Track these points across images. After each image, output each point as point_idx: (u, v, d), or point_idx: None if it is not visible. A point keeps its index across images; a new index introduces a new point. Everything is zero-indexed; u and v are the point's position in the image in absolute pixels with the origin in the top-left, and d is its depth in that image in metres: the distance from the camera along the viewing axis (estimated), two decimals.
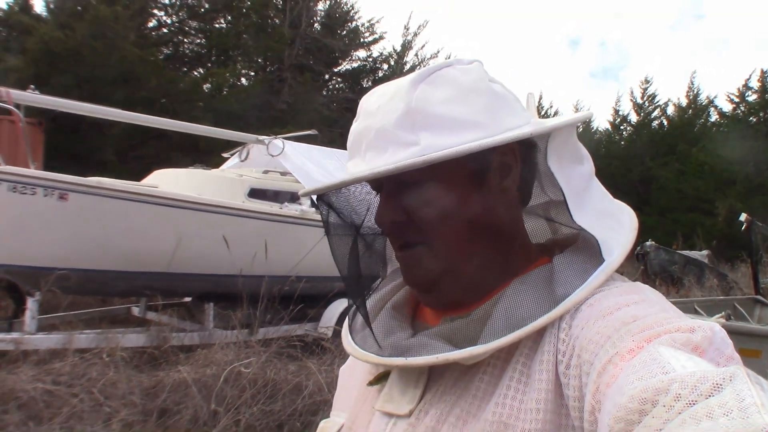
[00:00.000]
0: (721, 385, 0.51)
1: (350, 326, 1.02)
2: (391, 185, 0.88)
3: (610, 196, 0.93)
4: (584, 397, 0.67)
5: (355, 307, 1.02)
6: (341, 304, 7.67)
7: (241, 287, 6.28)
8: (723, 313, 4.32)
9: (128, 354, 5.16)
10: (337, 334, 7.26)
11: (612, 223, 0.88)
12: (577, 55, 70.26)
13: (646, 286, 0.81)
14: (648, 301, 0.75)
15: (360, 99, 0.95)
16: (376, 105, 0.87)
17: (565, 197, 0.83)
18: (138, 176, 8.59)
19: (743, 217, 7.88)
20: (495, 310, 0.83)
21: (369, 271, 1.07)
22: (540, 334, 0.79)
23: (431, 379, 0.87)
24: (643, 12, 73.13)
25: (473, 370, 0.83)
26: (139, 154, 14.94)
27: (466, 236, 0.86)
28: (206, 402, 4.22)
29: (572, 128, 0.88)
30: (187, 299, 8.36)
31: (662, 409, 0.52)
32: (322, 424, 1.06)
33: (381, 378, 0.94)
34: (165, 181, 7.68)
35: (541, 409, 0.74)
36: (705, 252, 14.41)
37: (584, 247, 0.86)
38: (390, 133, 0.83)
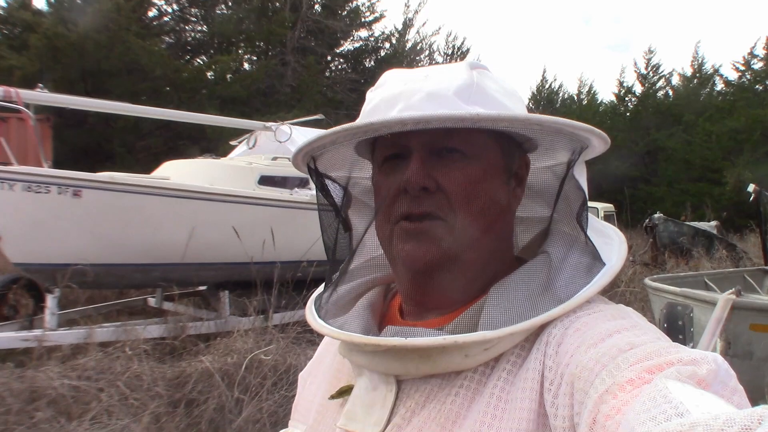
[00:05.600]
0: (750, 427, 0.45)
1: (318, 308, 0.94)
2: (426, 152, 0.83)
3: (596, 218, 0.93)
4: (577, 427, 0.64)
5: (332, 288, 0.97)
6: None
7: (255, 274, 6.35)
8: (734, 288, 4.30)
9: (149, 346, 5.24)
10: None
11: (605, 239, 0.89)
12: (588, 30, 69.68)
13: (630, 308, 0.79)
14: (640, 327, 0.72)
15: (363, 79, 0.88)
16: (424, 74, 0.85)
17: (586, 200, 0.85)
18: (146, 167, 8.63)
19: (751, 187, 7.81)
20: (497, 301, 0.79)
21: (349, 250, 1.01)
22: (521, 356, 0.76)
23: (399, 398, 0.81)
24: None
25: (446, 390, 0.78)
26: (146, 144, 15.03)
27: (488, 225, 0.84)
28: (230, 390, 4.30)
29: (605, 146, 0.87)
30: (202, 288, 8.44)
31: None
32: None
33: (344, 392, 0.88)
34: (176, 172, 7.73)
35: None
36: (714, 223, 14.35)
37: (584, 253, 0.85)
38: (447, 98, 0.80)
